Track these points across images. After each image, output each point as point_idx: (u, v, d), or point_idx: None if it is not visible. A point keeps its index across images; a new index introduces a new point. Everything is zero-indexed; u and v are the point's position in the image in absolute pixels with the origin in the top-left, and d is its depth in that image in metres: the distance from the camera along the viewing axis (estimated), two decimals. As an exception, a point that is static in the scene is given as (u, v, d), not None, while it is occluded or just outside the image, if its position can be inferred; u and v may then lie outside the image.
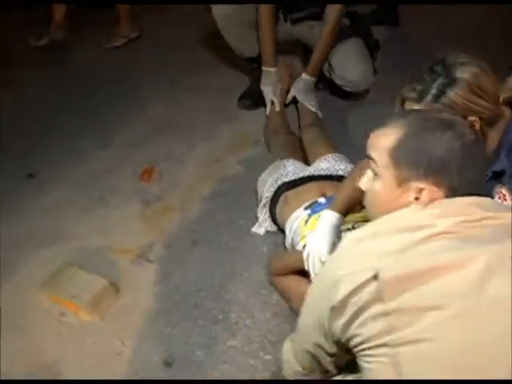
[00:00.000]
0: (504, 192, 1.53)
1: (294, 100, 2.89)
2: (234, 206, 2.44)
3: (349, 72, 2.79)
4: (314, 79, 2.83)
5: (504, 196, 1.53)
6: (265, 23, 2.74)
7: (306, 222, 2.04)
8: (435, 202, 1.15)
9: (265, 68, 2.82)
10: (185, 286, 2.11)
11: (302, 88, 2.82)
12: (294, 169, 2.31)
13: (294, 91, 2.84)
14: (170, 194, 2.51)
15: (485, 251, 1.05)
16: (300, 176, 2.26)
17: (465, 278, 1.03)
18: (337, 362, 1.28)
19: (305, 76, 2.82)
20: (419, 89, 1.50)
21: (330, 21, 2.70)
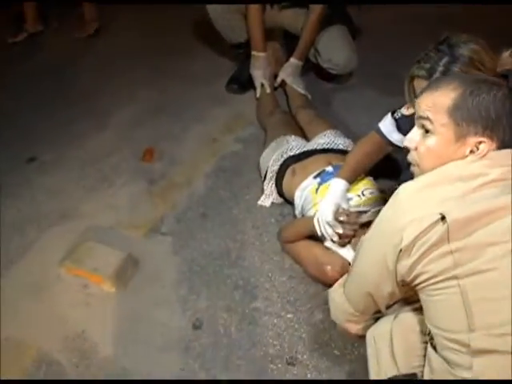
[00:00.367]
0: None
1: (281, 84, 3.00)
2: (237, 181, 2.53)
3: (335, 56, 2.93)
4: (302, 63, 2.96)
5: None
6: (254, 10, 2.83)
7: (316, 190, 2.16)
8: (482, 158, 1.29)
9: (255, 53, 2.92)
10: (201, 256, 2.19)
11: (290, 72, 2.94)
12: (298, 143, 2.42)
13: (283, 75, 2.95)
14: (173, 172, 2.58)
15: None
16: (304, 150, 2.37)
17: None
18: (390, 302, 1.41)
19: (293, 60, 2.94)
20: (427, 67, 1.64)
21: (317, 7, 2.82)
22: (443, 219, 1.18)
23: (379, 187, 2.18)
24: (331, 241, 1.98)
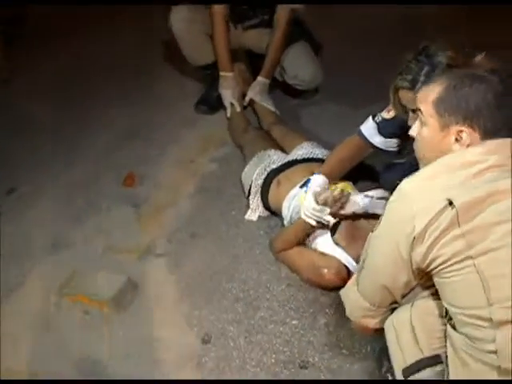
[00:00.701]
0: None
1: (250, 103, 3.08)
2: (220, 199, 2.58)
3: (301, 72, 3.03)
4: (269, 81, 3.04)
5: None
6: (219, 31, 2.91)
7: (304, 198, 2.23)
8: (479, 144, 1.39)
9: (223, 73, 2.98)
10: (197, 273, 2.22)
11: (258, 90, 3.02)
12: (279, 157, 2.50)
13: (252, 94, 3.03)
14: (157, 195, 2.60)
15: None
16: (286, 161, 2.45)
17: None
18: (406, 291, 1.49)
19: (260, 79, 3.02)
20: (410, 78, 1.76)
21: (281, 26, 2.92)
22: (451, 204, 1.27)
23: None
24: (325, 225, 2.07)
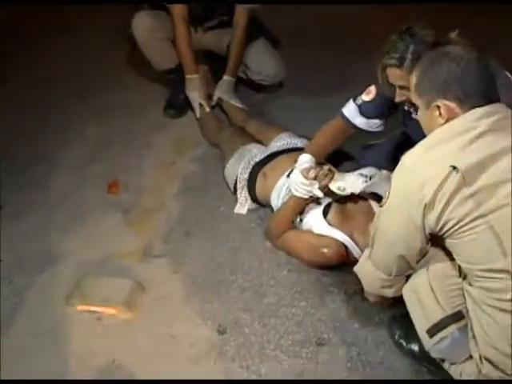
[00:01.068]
0: None
1: (218, 102, 3.14)
2: (206, 197, 2.63)
3: (264, 68, 3.13)
4: (234, 79, 3.12)
5: None
6: (181, 34, 2.95)
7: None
8: (465, 113, 1.51)
9: (189, 76, 3.02)
10: (200, 269, 2.27)
11: (225, 89, 3.09)
12: (260, 150, 2.58)
13: (219, 93, 3.09)
14: (143, 199, 2.62)
15: None
16: (268, 153, 2.53)
17: (510, 159, 1.40)
18: (420, 257, 1.60)
19: (226, 77, 3.09)
20: (397, 56, 1.86)
21: (241, 25, 3.00)
22: (454, 169, 1.39)
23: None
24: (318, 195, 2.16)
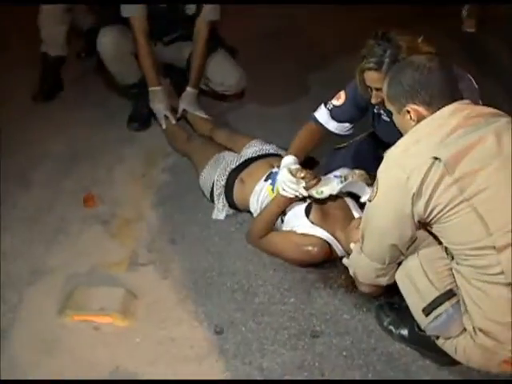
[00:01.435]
0: None
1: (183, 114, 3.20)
2: (183, 205, 2.69)
3: (226, 78, 3.23)
4: (197, 91, 3.19)
5: None
6: (143, 48, 3.00)
7: (272, 190, 2.43)
8: (438, 112, 1.67)
9: (153, 88, 3.08)
10: (188, 274, 2.33)
11: (190, 101, 3.16)
12: (234, 157, 2.66)
13: (184, 105, 3.16)
14: (121, 210, 2.65)
15: (490, 129, 1.61)
16: (242, 160, 2.63)
17: (488, 146, 1.58)
18: (410, 243, 1.75)
19: (190, 89, 3.16)
20: (375, 60, 2.00)
21: (202, 38, 3.09)
22: (436, 160, 1.56)
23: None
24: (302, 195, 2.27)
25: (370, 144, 2.61)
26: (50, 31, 3.41)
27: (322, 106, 2.43)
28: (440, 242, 1.73)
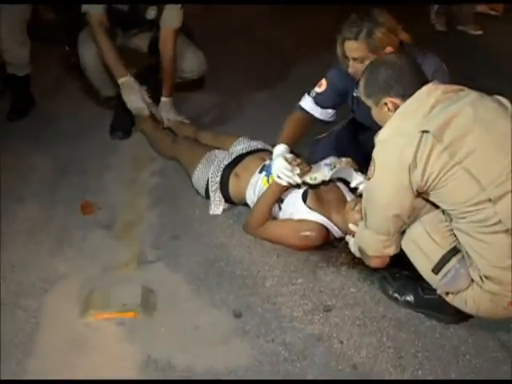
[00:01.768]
0: None
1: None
2: (178, 205, 2.80)
3: (186, 64, 3.33)
4: (172, 98, 3.25)
5: None
6: (105, 43, 3.02)
7: (267, 181, 2.57)
8: (415, 94, 1.89)
9: (121, 80, 3.07)
10: (198, 266, 2.43)
11: (168, 109, 3.23)
12: (225, 155, 2.79)
13: (165, 114, 3.23)
14: (121, 214, 2.73)
15: (465, 101, 1.86)
16: (234, 156, 2.76)
17: (467, 115, 1.82)
18: (411, 212, 1.94)
19: (165, 99, 3.22)
20: (354, 31, 2.21)
21: (169, 47, 3.15)
22: (424, 132, 1.79)
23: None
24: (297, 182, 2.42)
25: (349, 131, 2.80)
26: (13, 54, 3.42)
27: (306, 94, 2.60)
28: (438, 208, 1.93)
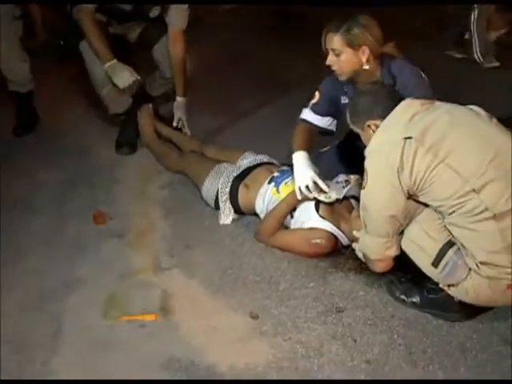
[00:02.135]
0: None
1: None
2: (189, 216, 2.90)
3: None
4: (186, 99, 3.33)
5: None
6: (93, 34, 3.06)
7: (277, 190, 2.69)
8: (395, 108, 2.11)
9: (108, 64, 3.08)
10: (212, 272, 2.52)
11: (183, 110, 3.33)
12: (233, 167, 2.91)
13: (180, 113, 3.32)
14: (133, 223, 2.82)
15: (441, 110, 2.08)
16: (242, 169, 2.88)
17: (445, 121, 2.03)
18: (405, 213, 2.11)
19: (180, 98, 3.30)
20: (337, 24, 2.41)
21: (180, 48, 3.23)
22: (407, 139, 1.99)
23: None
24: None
25: (349, 141, 2.93)
26: (14, 71, 3.53)
27: (304, 108, 2.77)
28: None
